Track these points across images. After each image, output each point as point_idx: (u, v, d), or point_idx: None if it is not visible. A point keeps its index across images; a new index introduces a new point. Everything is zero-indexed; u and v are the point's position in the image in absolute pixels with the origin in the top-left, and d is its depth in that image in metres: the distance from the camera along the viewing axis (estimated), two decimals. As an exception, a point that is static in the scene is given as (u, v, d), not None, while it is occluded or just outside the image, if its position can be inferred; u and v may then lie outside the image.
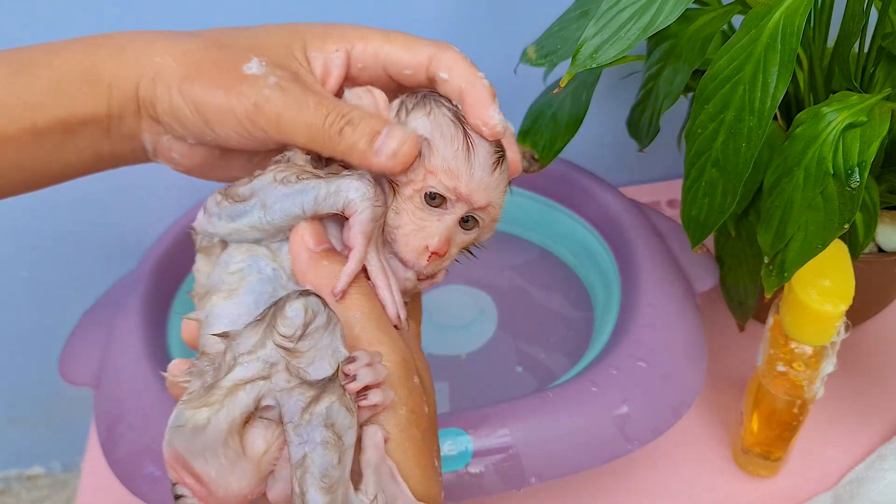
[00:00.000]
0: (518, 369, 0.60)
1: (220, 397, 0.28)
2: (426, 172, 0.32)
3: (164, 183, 0.70)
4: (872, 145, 0.41)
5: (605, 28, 0.42)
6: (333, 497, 0.26)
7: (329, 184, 0.31)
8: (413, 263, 0.33)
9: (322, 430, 0.27)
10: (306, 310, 0.27)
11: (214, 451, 0.28)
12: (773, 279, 0.44)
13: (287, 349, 0.27)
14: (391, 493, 0.27)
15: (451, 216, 0.32)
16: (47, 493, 1.01)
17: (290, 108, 0.32)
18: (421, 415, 0.29)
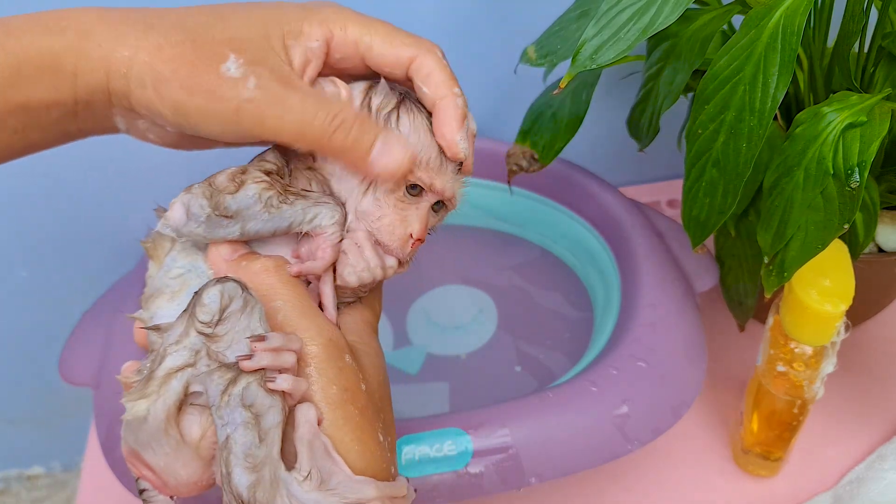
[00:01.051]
0: (517, 369, 0.60)
1: (155, 388, 0.29)
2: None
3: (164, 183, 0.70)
4: (872, 145, 0.41)
5: (605, 29, 0.42)
6: (259, 476, 0.27)
7: (306, 212, 0.32)
8: (398, 251, 0.34)
9: (241, 410, 0.27)
10: (222, 295, 0.29)
11: (158, 441, 0.29)
12: (773, 279, 0.44)
13: (206, 335, 0.29)
14: (326, 468, 0.27)
15: (426, 203, 0.35)
16: (47, 492, 1.01)
17: (274, 109, 0.31)
18: (357, 392, 0.30)
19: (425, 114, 0.35)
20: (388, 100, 0.34)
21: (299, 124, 0.31)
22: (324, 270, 0.33)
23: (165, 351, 0.29)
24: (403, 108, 0.34)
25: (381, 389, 0.32)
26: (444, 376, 0.59)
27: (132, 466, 0.30)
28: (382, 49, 0.34)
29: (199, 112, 0.31)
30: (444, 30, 0.65)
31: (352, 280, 0.33)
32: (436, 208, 0.36)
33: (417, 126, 0.34)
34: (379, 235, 0.34)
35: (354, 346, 0.33)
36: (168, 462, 0.29)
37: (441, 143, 0.34)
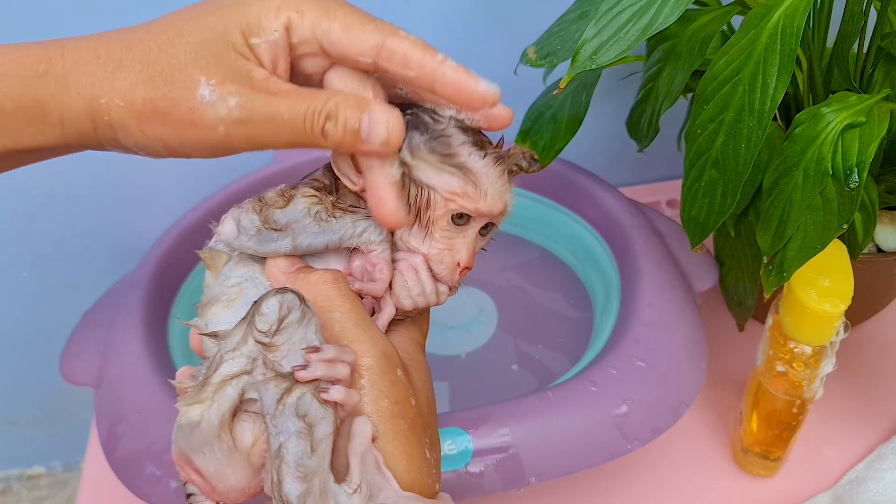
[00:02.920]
0: (514, 367, 0.60)
1: (210, 394, 0.29)
2: (446, 199, 0.33)
3: (164, 183, 0.70)
4: (871, 146, 0.41)
5: (605, 29, 0.42)
6: (309, 486, 0.27)
7: (354, 226, 0.33)
8: (447, 279, 0.35)
9: (294, 420, 0.28)
10: (281, 305, 0.29)
11: (210, 446, 0.29)
12: (773, 279, 0.44)
13: (264, 344, 0.29)
14: (375, 482, 0.28)
15: (473, 230, 0.35)
16: (48, 492, 1.01)
17: (264, 127, 0.30)
18: (407, 407, 0.30)
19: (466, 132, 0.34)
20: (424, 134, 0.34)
21: (291, 132, 0.31)
22: (384, 292, 0.33)
23: (222, 358, 0.29)
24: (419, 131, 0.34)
25: (428, 406, 0.32)
26: (444, 376, 0.59)
27: (181, 470, 0.31)
28: (341, 36, 0.31)
29: (187, 144, 0.31)
30: (444, 30, 0.65)
31: (407, 304, 0.34)
32: (483, 232, 0.35)
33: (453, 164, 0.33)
34: (430, 263, 0.34)
35: (405, 361, 0.33)
36: (219, 468, 0.30)
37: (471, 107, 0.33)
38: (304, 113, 0.30)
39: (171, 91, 0.30)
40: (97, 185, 0.69)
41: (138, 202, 0.71)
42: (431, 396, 0.33)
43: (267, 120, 0.30)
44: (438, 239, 0.34)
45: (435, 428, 0.33)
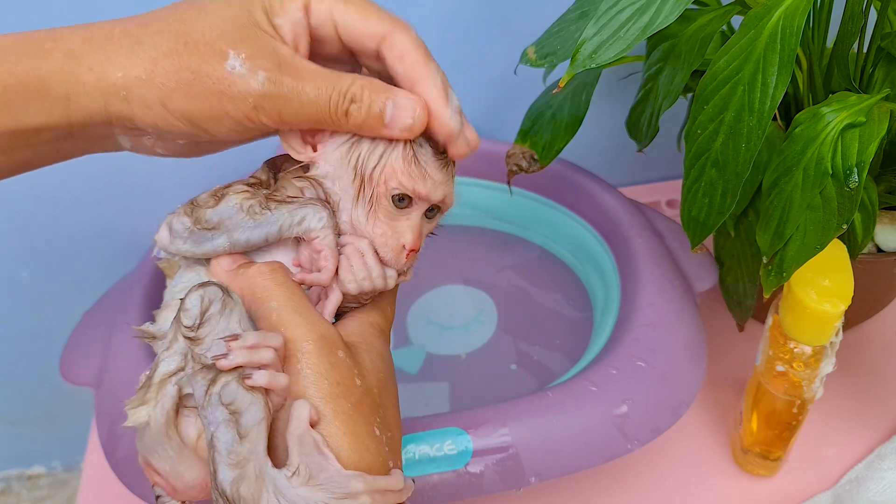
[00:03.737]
0: (512, 367, 0.60)
1: (153, 394, 0.30)
2: (385, 177, 0.33)
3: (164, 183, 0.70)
4: (871, 145, 0.41)
5: (605, 28, 0.42)
6: (243, 472, 0.27)
7: (292, 215, 0.33)
8: (394, 262, 0.34)
9: (221, 409, 0.28)
10: (202, 299, 0.30)
11: (161, 445, 0.30)
12: (772, 279, 0.44)
13: (190, 338, 0.29)
14: (316, 463, 0.27)
15: (417, 212, 0.34)
16: (48, 492, 1.01)
17: (291, 102, 0.31)
18: (350, 387, 0.30)
19: None
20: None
21: (316, 111, 0.31)
22: (330, 281, 0.33)
23: (159, 358, 0.30)
24: None
25: (380, 386, 0.32)
26: (444, 376, 0.59)
27: (146, 473, 0.31)
28: (356, 22, 0.32)
29: (214, 117, 0.31)
30: (444, 30, 0.65)
31: (351, 287, 0.34)
32: (429, 215, 0.35)
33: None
34: (376, 247, 0.34)
35: (354, 344, 0.33)
36: (173, 465, 0.30)
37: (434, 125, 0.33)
38: (329, 93, 0.31)
39: (198, 62, 0.30)
40: (97, 185, 0.69)
41: (138, 202, 0.71)
42: (385, 377, 0.33)
43: (294, 96, 0.31)
44: (382, 220, 0.34)
45: (392, 408, 0.33)
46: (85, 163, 0.67)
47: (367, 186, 0.34)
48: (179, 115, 0.30)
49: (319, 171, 0.34)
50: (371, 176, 0.33)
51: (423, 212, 0.35)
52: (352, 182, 0.34)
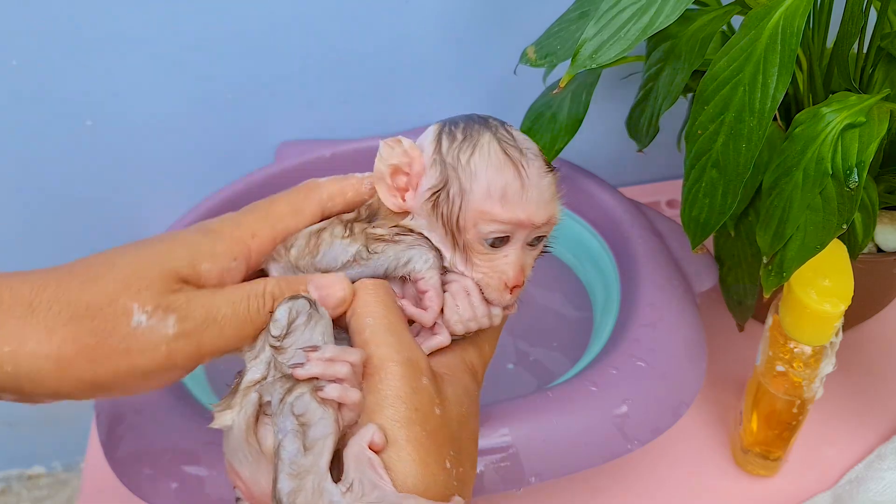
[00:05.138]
0: (509, 367, 0.60)
1: (238, 400, 0.30)
2: (478, 215, 0.32)
3: (164, 183, 0.70)
4: (871, 146, 0.41)
5: (605, 28, 0.42)
6: (300, 483, 0.27)
7: (398, 257, 0.33)
8: (499, 301, 0.34)
9: (291, 418, 0.28)
10: (290, 310, 0.30)
11: (242, 450, 0.30)
12: (772, 279, 0.44)
13: (275, 348, 0.30)
14: (369, 480, 0.27)
15: (516, 246, 0.33)
16: (48, 492, 1.01)
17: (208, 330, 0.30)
18: (428, 415, 0.30)
19: (493, 133, 0.33)
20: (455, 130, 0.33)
21: (237, 324, 0.31)
22: (433, 321, 0.33)
23: (248, 366, 0.31)
24: (466, 140, 0.33)
25: (460, 420, 0.32)
26: (444, 376, 0.59)
27: (229, 476, 0.32)
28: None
29: (120, 376, 0.29)
30: (444, 30, 0.65)
31: (458, 329, 0.33)
32: (533, 243, 0.34)
33: (483, 153, 0.32)
34: (480, 287, 0.33)
35: (441, 374, 0.32)
36: (252, 471, 0.30)
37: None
38: (246, 303, 0.31)
39: (100, 325, 0.28)
40: (97, 185, 0.69)
41: (138, 202, 0.71)
42: (466, 412, 0.32)
43: (208, 322, 0.30)
44: (479, 264, 0.33)
45: (468, 444, 0.32)
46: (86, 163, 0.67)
47: (457, 235, 0.33)
48: (80, 382, 0.28)
49: (414, 223, 0.34)
50: (458, 224, 0.32)
51: (523, 243, 0.33)
52: (444, 235, 0.33)
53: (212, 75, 0.64)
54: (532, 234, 0.33)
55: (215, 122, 0.67)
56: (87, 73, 0.61)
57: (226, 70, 0.64)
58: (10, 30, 0.58)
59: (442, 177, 0.33)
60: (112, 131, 0.65)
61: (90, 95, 0.63)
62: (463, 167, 0.32)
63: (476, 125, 0.33)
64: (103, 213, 0.71)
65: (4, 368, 0.27)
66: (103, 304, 0.28)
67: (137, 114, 0.65)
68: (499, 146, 0.32)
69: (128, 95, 0.63)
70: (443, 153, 0.33)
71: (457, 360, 0.34)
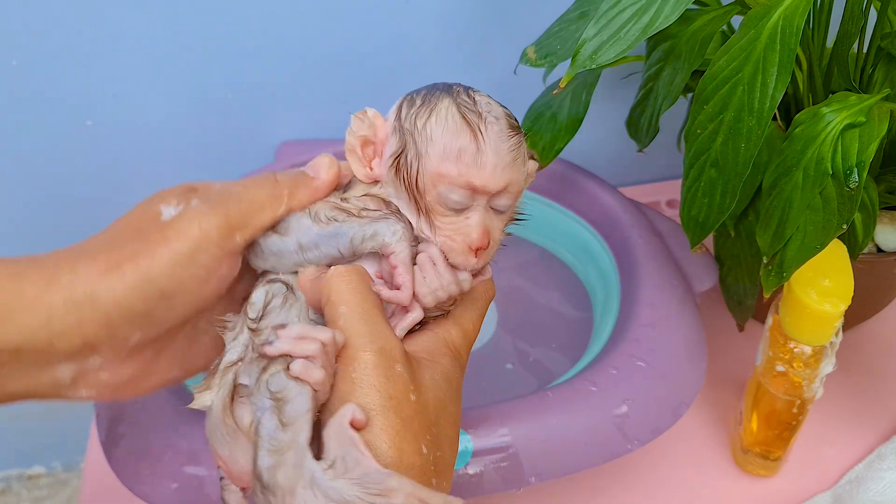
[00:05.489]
0: (508, 366, 0.60)
1: (217, 381, 0.31)
2: (435, 178, 0.32)
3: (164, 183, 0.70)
4: (871, 145, 0.41)
5: (605, 29, 0.42)
6: (281, 459, 0.28)
7: (364, 227, 0.32)
8: (464, 264, 0.33)
9: (267, 396, 0.29)
10: (267, 293, 0.31)
11: (220, 430, 0.31)
12: (772, 279, 0.44)
13: (252, 330, 0.31)
14: (352, 457, 0.28)
15: (478, 210, 0.33)
16: (48, 492, 1.01)
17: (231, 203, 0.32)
18: (402, 402, 0.30)
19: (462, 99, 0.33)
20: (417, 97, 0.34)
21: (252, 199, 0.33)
22: (409, 299, 0.32)
23: (226, 348, 0.32)
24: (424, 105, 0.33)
25: (437, 405, 0.32)
26: (444, 376, 0.59)
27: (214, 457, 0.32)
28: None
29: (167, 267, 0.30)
30: (444, 30, 0.65)
31: (429, 300, 0.33)
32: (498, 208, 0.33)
33: (440, 117, 0.32)
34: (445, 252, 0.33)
35: (419, 359, 0.32)
36: (230, 450, 0.31)
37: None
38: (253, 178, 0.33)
39: (141, 233, 0.31)
40: (97, 185, 0.69)
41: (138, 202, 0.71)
42: (445, 397, 0.32)
43: (226, 194, 0.32)
44: (441, 226, 0.33)
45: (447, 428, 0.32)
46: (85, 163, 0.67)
47: (419, 200, 0.33)
48: (134, 285, 0.30)
49: (384, 191, 0.34)
50: (418, 188, 0.32)
51: (484, 206, 0.33)
52: (409, 200, 0.33)
53: (212, 75, 0.64)
54: (493, 199, 0.33)
55: (215, 123, 0.67)
56: (87, 73, 0.61)
57: (226, 70, 0.64)
58: (10, 30, 0.58)
59: (401, 142, 0.33)
60: (112, 131, 0.65)
61: (90, 95, 0.63)
62: (419, 131, 0.32)
63: (437, 91, 0.33)
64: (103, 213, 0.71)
65: (65, 301, 0.29)
66: (133, 221, 0.32)
67: (137, 114, 0.65)
68: (457, 110, 0.32)
69: (128, 95, 0.63)
70: (402, 119, 0.33)
71: (437, 342, 0.34)
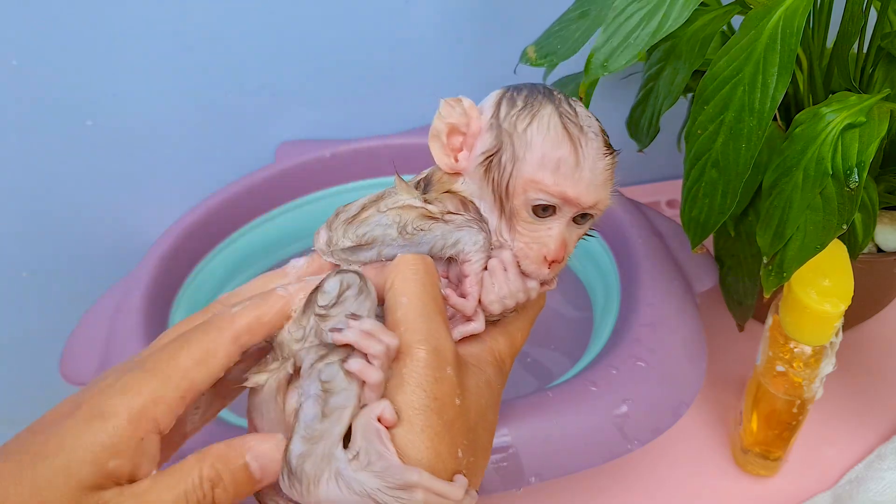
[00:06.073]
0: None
1: (276, 365, 0.31)
2: (528, 184, 0.32)
3: (164, 183, 0.70)
4: (871, 145, 0.41)
5: (615, 36, 0.43)
6: (312, 448, 0.28)
7: (446, 237, 0.32)
8: (535, 274, 0.33)
9: (316, 383, 0.29)
10: (341, 283, 0.30)
11: (266, 406, 0.31)
12: (772, 279, 0.44)
13: (320, 315, 0.30)
14: (375, 451, 0.28)
15: (561, 221, 0.32)
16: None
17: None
18: (447, 405, 0.30)
19: (556, 105, 0.32)
20: (518, 97, 0.33)
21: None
22: (473, 310, 0.32)
23: (286, 329, 0.31)
24: (527, 107, 0.32)
25: (478, 412, 0.32)
26: (444, 376, 0.59)
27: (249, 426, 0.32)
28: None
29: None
30: (444, 30, 0.65)
31: (495, 308, 0.33)
32: (579, 221, 0.33)
33: (542, 123, 0.32)
34: (518, 259, 0.33)
35: (466, 364, 0.32)
36: (269, 427, 0.31)
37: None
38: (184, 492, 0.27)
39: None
40: (97, 185, 0.69)
41: (138, 202, 0.71)
42: (486, 405, 0.32)
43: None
44: (522, 232, 0.32)
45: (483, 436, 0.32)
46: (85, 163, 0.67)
47: (505, 202, 0.32)
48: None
49: (466, 189, 0.33)
50: (507, 190, 0.32)
51: (568, 218, 0.32)
52: (493, 201, 0.32)
53: (212, 75, 0.64)
54: (579, 212, 0.33)
55: (215, 122, 0.67)
56: (87, 73, 0.61)
57: (226, 70, 0.64)
58: (10, 30, 0.58)
59: (497, 141, 0.32)
60: (112, 131, 0.65)
61: (90, 95, 0.63)
62: (519, 135, 0.32)
63: (539, 95, 0.33)
64: (103, 214, 0.71)
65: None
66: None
67: (137, 114, 0.65)
68: (559, 120, 0.32)
69: (128, 95, 0.64)
70: (500, 118, 0.32)
71: (484, 350, 0.34)
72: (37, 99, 0.62)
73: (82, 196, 0.69)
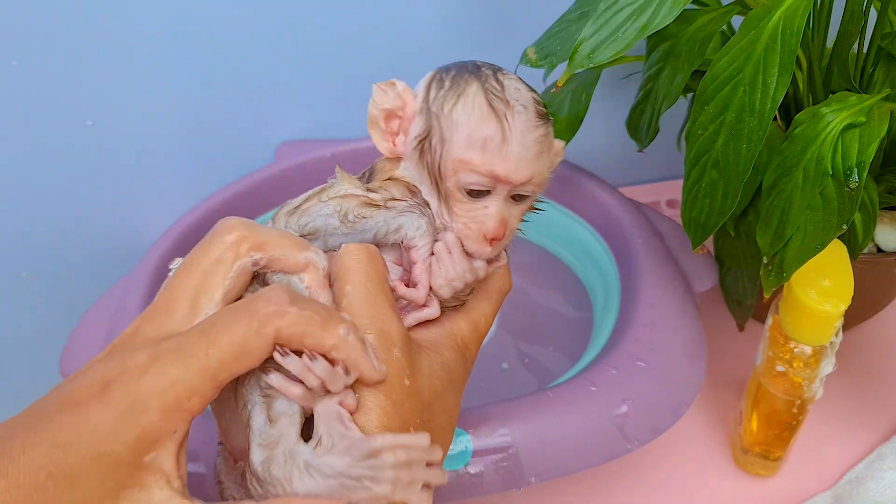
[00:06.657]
0: (504, 366, 0.60)
1: None
2: (458, 164, 0.32)
3: (164, 183, 0.70)
4: (871, 146, 0.41)
5: (603, 28, 0.42)
6: (272, 454, 0.28)
7: (388, 224, 0.32)
8: (478, 253, 0.33)
9: (257, 390, 0.29)
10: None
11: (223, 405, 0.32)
12: (772, 279, 0.44)
13: None
14: (337, 431, 0.28)
15: (497, 199, 0.32)
16: (48, 492, 1.01)
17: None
18: (395, 386, 0.30)
19: (491, 84, 0.32)
20: (447, 77, 0.33)
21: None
22: (424, 298, 0.32)
23: None
24: (454, 87, 0.32)
25: (432, 392, 0.32)
26: (444, 376, 0.59)
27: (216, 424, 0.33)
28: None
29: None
30: (444, 30, 0.65)
31: (445, 292, 0.33)
32: (517, 198, 0.33)
33: (472, 110, 0.31)
34: (461, 239, 0.33)
35: (421, 347, 0.32)
36: (228, 425, 0.32)
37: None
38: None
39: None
40: (97, 185, 0.69)
41: (138, 202, 0.71)
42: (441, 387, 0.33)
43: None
44: (459, 213, 0.32)
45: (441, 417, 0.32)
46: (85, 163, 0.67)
47: (440, 184, 0.32)
48: None
49: (407, 174, 0.33)
50: (440, 172, 0.32)
51: (504, 195, 0.32)
52: (430, 184, 0.33)
53: (212, 75, 0.64)
54: (515, 189, 0.33)
55: (215, 122, 0.67)
56: (87, 73, 0.61)
57: (226, 70, 0.64)
58: (10, 30, 0.58)
59: (427, 125, 0.32)
60: (112, 131, 0.65)
61: (90, 95, 0.63)
62: (446, 116, 0.32)
63: (466, 74, 0.33)
64: (103, 214, 0.71)
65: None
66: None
67: (137, 114, 0.65)
68: (484, 97, 0.32)
69: (128, 95, 0.63)
70: (430, 101, 0.32)
71: (444, 334, 0.34)
72: (37, 99, 0.62)
73: (82, 196, 0.69)
